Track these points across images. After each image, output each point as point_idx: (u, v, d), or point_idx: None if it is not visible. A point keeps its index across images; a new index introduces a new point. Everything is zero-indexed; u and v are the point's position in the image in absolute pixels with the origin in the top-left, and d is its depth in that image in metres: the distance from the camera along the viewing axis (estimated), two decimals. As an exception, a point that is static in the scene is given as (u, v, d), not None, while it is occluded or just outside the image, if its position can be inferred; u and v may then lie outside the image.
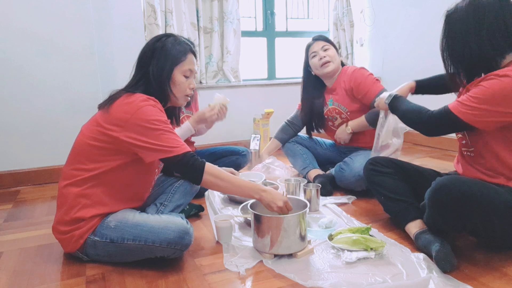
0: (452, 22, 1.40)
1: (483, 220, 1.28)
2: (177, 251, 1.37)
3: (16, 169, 2.53)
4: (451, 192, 1.28)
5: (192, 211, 1.91)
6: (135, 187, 1.51)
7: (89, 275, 1.38)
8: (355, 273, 1.32)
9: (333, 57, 2.28)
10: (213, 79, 3.34)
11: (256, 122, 3.27)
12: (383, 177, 1.67)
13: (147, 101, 1.37)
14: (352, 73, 2.26)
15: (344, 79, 2.30)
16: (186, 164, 1.37)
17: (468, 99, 1.34)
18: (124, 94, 1.41)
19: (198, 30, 3.20)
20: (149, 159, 1.38)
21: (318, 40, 2.33)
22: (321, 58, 2.27)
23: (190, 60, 1.51)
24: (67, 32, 2.51)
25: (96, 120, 1.42)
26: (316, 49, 2.30)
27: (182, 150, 1.37)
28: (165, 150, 1.35)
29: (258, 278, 1.33)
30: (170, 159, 1.37)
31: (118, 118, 1.36)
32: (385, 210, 1.71)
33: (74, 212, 1.39)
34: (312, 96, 2.42)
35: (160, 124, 1.36)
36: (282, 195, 1.46)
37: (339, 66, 2.33)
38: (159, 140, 1.35)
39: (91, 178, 1.40)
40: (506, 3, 1.32)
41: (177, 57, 1.48)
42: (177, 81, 1.49)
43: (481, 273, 1.32)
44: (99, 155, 1.40)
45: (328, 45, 2.30)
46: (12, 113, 2.47)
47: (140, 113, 1.34)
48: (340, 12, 3.82)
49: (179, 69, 1.49)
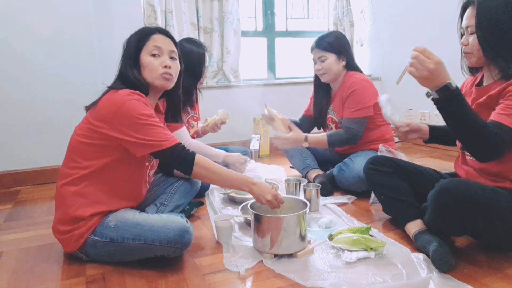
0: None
1: (485, 223, 1.28)
2: (177, 250, 1.37)
3: (16, 169, 2.53)
4: (455, 195, 1.27)
5: (192, 211, 1.91)
6: (131, 182, 1.51)
7: (89, 275, 1.38)
8: (355, 273, 1.32)
9: (329, 68, 2.21)
10: (213, 79, 3.33)
11: (256, 122, 3.27)
12: (383, 176, 1.66)
13: (131, 96, 1.37)
14: (352, 84, 2.18)
15: (344, 87, 2.24)
16: (177, 156, 1.37)
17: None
18: (109, 91, 1.42)
19: (198, 30, 3.20)
20: (139, 154, 1.38)
21: (316, 48, 2.24)
22: (316, 69, 2.26)
23: (153, 39, 1.48)
24: (67, 32, 2.51)
25: (86, 118, 1.44)
26: (314, 57, 2.27)
27: (172, 142, 1.37)
28: (154, 144, 1.35)
29: (258, 278, 1.33)
30: (161, 153, 1.37)
31: (104, 114, 1.37)
32: (384, 209, 1.72)
33: (73, 211, 1.39)
34: (320, 99, 2.39)
35: (146, 118, 1.36)
36: (271, 188, 1.45)
37: (338, 74, 2.25)
38: (148, 134, 1.35)
39: (86, 176, 1.40)
40: None
41: (139, 42, 1.47)
42: (144, 63, 1.46)
43: (481, 273, 1.32)
44: (91, 152, 1.40)
45: (325, 56, 2.20)
46: (12, 113, 2.47)
47: (125, 108, 1.35)
48: (340, 12, 3.82)
49: (145, 52, 1.47)
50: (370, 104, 2.15)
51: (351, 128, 2.16)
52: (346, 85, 2.22)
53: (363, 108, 2.15)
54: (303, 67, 3.83)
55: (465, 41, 1.40)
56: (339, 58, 2.22)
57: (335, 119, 2.31)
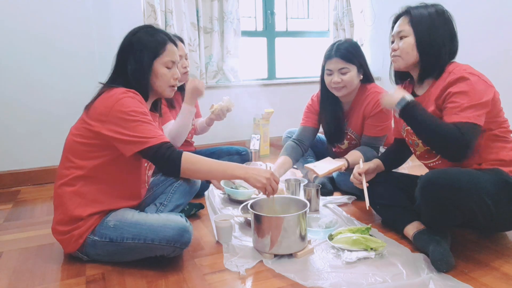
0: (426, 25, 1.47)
1: (477, 204, 1.29)
2: (176, 249, 1.37)
3: (16, 169, 2.53)
4: (438, 184, 1.29)
5: (192, 211, 1.91)
6: (128, 183, 1.50)
7: (89, 275, 1.38)
8: (355, 273, 1.32)
9: (350, 82, 1.97)
10: (213, 79, 3.33)
11: (256, 122, 3.27)
12: (375, 186, 1.68)
13: (126, 93, 1.37)
14: (378, 102, 1.98)
15: (365, 102, 2.04)
16: (162, 156, 1.33)
17: (465, 105, 1.33)
18: (105, 90, 1.41)
19: (198, 30, 3.20)
20: (127, 153, 1.35)
21: (337, 58, 1.95)
22: (335, 82, 1.98)
23: (170, 51, 1.49)
24: (67, 32, 2.51)
25: (82, 118, 1.43)
26: (332, 67, 1.98)
27: (159, 140, 1.34)
28: (140, 141, 1.32)
29: (258, 278, 1.33)
30: (147, 151, 1.33)
31: (99, 112, 1.36)
32: (382, 218, 1.74)
33: (71, 211, 1.39)
34: (333, 114, 2.13)
35: (137, 115, 1.34)
36: (266, 170, 1.43)
37: (355, 89, 2.06)
38: (135, 131, 1.33)
39: (83, 176, 1.40)
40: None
41: (155, 50, 1.46)
42: (159, 74, 1.47)
43: (481, 273, 1.32)
44: (86, 152, 1.40)
45: (348, 68, 1.95)
46: (12, 113, 2.47)
47: (119, 105, 1.34)
48: (340, 12, 3.81)
49: (159, 61, 1.47)
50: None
51: (376, 146, 2.07)
52: (369, 101, 2.03)
53: (386, 127, 2.06)
54: (303, 67, 3.84)
55: (396, 46, 1.53)
56: (359, 71, 2.01)
57: (352, 137, 2.15)
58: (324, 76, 2.05)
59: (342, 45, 1.99)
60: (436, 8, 1.48)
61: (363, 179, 1.65)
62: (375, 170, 1.73)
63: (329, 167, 1.91)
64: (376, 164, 1.73)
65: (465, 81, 1.35)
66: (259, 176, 1.40)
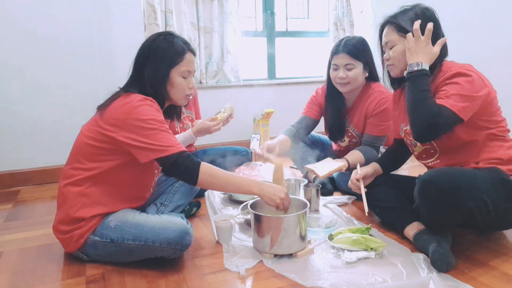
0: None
1: (475, 203, 1.29)
2: (177, 251, 1.37)
3: (16, 169, 2.53)
4: (436, 184, 1.30)
5: (192, 211, 1.91)
6: (135, 187, 1.51)
7: (89, 275, 1.38)
8: (355, 273, 1.32)
9: (354, 79, 2.00)
10: (213, 79, 3.33)
11: (256, 122, 3.27)
12: (374, 189, 1.68)
13: (144, 101, 1.37)
14: (382, 101, 2.02)
15: (368, 101, 2.06)
16: (181, 165, 1.34)
17: (452, 93, 1.34)
18: (122, 95, 1.40)
19: (198, 30, 3.20)
20: (143, 159, 1.35)
21: (344, 54, 1.98)
22: (340, 77, 2.00)
23: (187, 60, 1.49)
24: (67, 32, 2.52)
25: (95, 120, 1.42)
26: (338, 63, 2.00)
27: (177, 149, 1.35)
28: (159, 149, 1.33)
29: (258, 278, 1.33)
30: (165, 160, 1.34)
31: (115, 118, 1.36)
32: (382, 220, 1.74)
33: (74, 211, 1.39)
34: (335, 109, 2.16)
35: (155, 123, 1.34)
36: (281, 187, 1.44)
37: (360, 86, 2.08)
38: (154, 139, 1.33)
39: (90, 178, 1.40)
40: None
41: (173, 59, 1.46)
42: (175, 83, 1.48)
43: (481, 273, 1.32)
44: (97, 155, 1.39)
45: (353, 64, 1.98)
46: (12, 113, 2.47)
47: (136, 113, 1.34)
48: (340, 12, 3.81)
49: (177, 71, 1.47)
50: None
51: (376, 146, 2.07)
52: (372, 99, 2.05)
53: (388, 127, 2.05)
54: (303, 67, 3.83)
55: (387, 56, 1.56)
56: (365, 68, 2.04)
57: (353, 134, 2.17)
58: (330, 71, 2.08)
59: (350, 41, 2.01)
60: (414, 11, 1.48)
61: (361, 185, 1.65)
62: (373, 174, 1.72)
63: (330, 168, 1.91)
64: (374, 168, 1.72)
65: (461, 76, 1.37)
66: (274, 196, 1.41)
